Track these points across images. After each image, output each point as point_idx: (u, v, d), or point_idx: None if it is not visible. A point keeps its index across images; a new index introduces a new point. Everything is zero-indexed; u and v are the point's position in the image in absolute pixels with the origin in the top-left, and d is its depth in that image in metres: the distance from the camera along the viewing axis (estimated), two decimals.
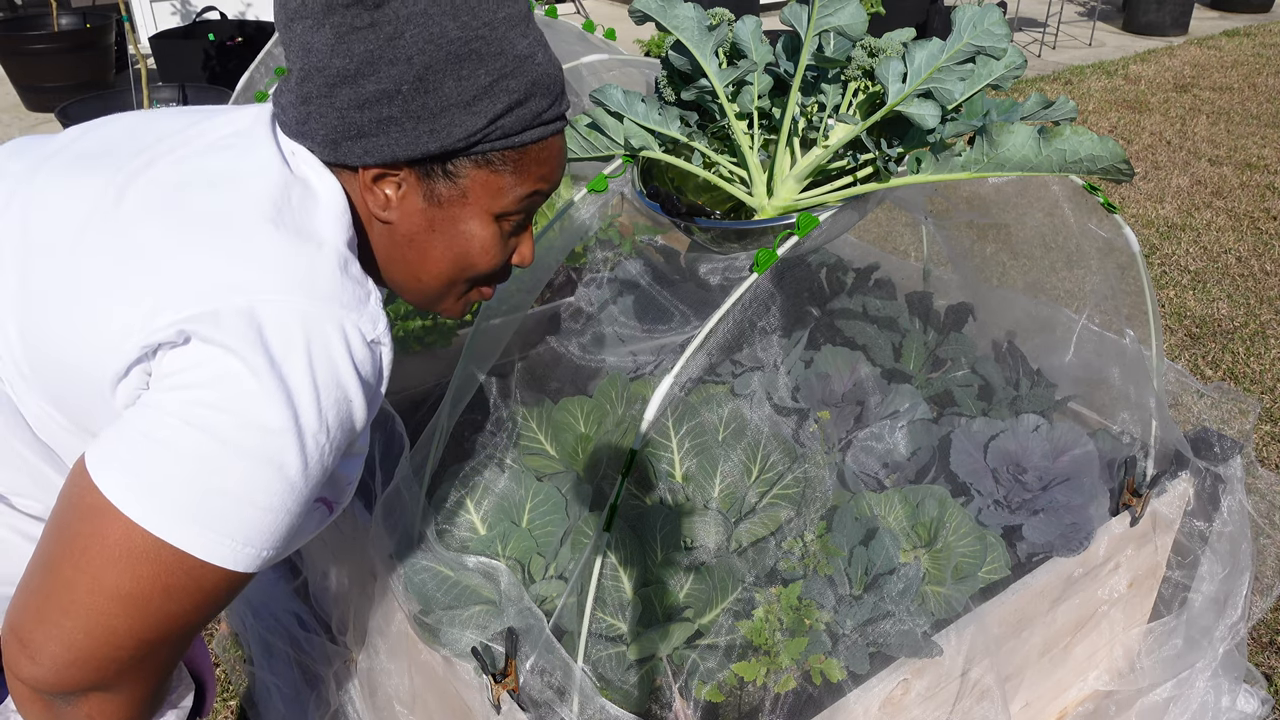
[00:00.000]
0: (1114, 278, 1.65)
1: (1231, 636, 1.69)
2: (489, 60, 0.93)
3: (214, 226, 0.89)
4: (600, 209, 1.47)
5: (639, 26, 6.58)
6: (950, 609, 1.44)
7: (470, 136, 0.94)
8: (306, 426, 0.85)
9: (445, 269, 1.03)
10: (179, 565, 0.83)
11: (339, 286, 0.90)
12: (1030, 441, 1.64)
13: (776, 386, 1.73)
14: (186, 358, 0.84)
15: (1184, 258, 4.22)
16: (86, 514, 0.83)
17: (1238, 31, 8.10)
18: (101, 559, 0.82)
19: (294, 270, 0.88)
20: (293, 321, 0.85)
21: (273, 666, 1.94)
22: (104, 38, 5.60)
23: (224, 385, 0.83)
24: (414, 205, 0.98)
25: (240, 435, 0.83)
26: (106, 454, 0.84)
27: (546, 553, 1.46)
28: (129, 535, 0.82)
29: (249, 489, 0.84)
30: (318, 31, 0.90)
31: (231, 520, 0.84)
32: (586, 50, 1.84)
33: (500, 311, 1.49)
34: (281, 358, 0.84)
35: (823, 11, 1.16)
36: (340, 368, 0.88)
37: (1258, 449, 2.96)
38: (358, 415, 0.91)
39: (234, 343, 0.82)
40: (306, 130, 0.95)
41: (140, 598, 0.83)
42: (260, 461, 0.84)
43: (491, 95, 0.93)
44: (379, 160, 0.94)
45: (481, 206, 1.00)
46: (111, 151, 0.98)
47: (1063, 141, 1.08)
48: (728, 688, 1.34)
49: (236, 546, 0.85)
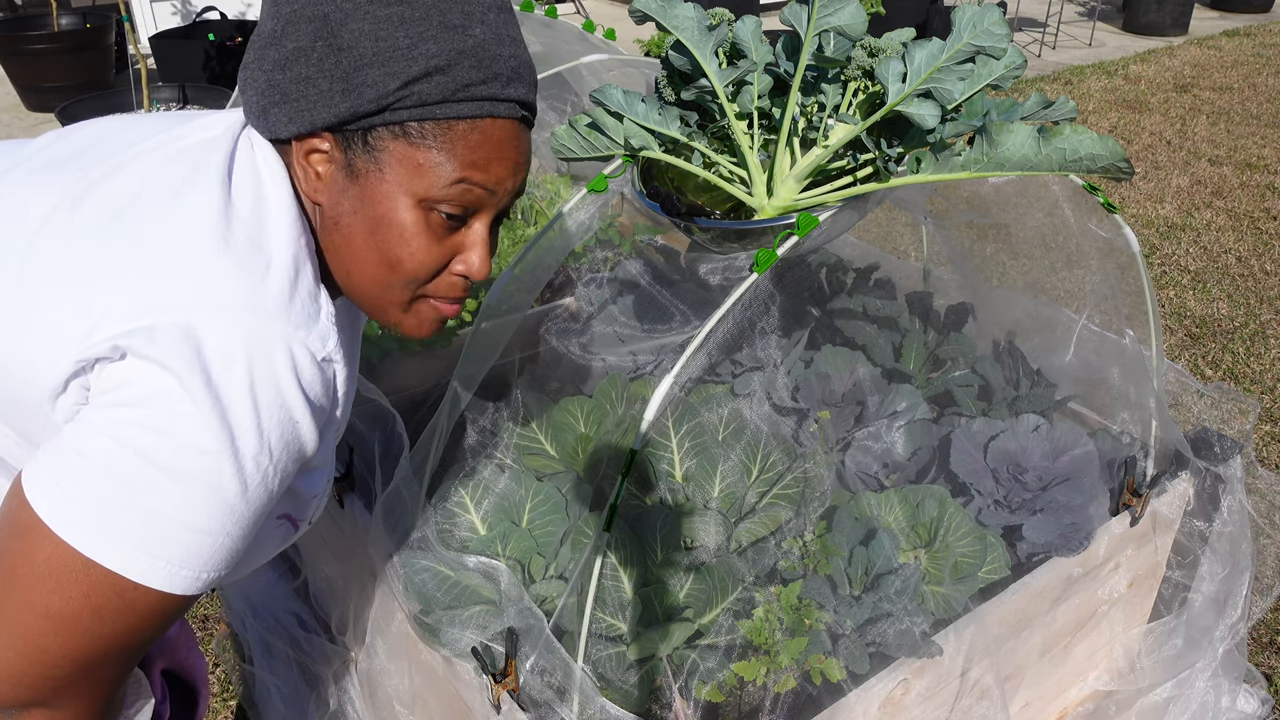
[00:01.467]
0: (1114, 278, 1.65)
1: (1231, 636, 1.69)
2: (410, 24, 0.89)
3: (160, 242, 0.86)
4: (600, 209, 1.47)
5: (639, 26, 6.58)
6: (950, 609, 1.44)
7: (382, 99, 0.89)
8: (245, 449, 0.82)
9: (370, 261, 0.96)
10: (110, 586, 0.81)
11: (286, 304, 0.87)
12: (1030, 441, 1.64)
13: (776, 386, 1.73)
14: (121, 374, 0.81)
15: (1184, 258, 4.22)
16: (18, 531, 0.81)
17: (1238, 31, 8.10)
18: (30, 577, 0.80)
19: (239, 287, 0.85)
20: (234, 340, 0.83)
21: (273, 666, 1.94)
22: (104, 38, 5.60)
23: (157, 404, 0.80)
24: (338, 183, 0.93)
25: (173, 457, 0.80)
26: (41, 472, 0.82)
27: (546, 553, 1.46)
28: (58, 554, 0.80)
29: (184, 512, 0.82)
30: (270, 5, 0.91)
31: (165, 542, 0.82)
32: (586, 50, 1.83)
33: (500, 311, 1.49)
34: (219, 377, 0.81)
35: (823, 11, 1.16)
36: (284, 387, 0.85)
37: (1258, 449, 2.96)
38: (305, 436, 0.88)
39: (169, 360, 0.80)
40: (245, 99, 0.95)
41: (69, 617, 0.81)
42: (195, 484, 0.81)
43: (410, 57, 0.89)
44: (300, 127, 0.91)
45: (401, 185, 0.93)
46: (79, 158, 0.96)
47: (1062, 140, 1.08)
48: (728, 688, 1.34)
49: (171, 569, 0.82)
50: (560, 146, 1.32)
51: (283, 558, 2.11)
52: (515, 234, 2.25)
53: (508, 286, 1.47)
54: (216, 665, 2.22)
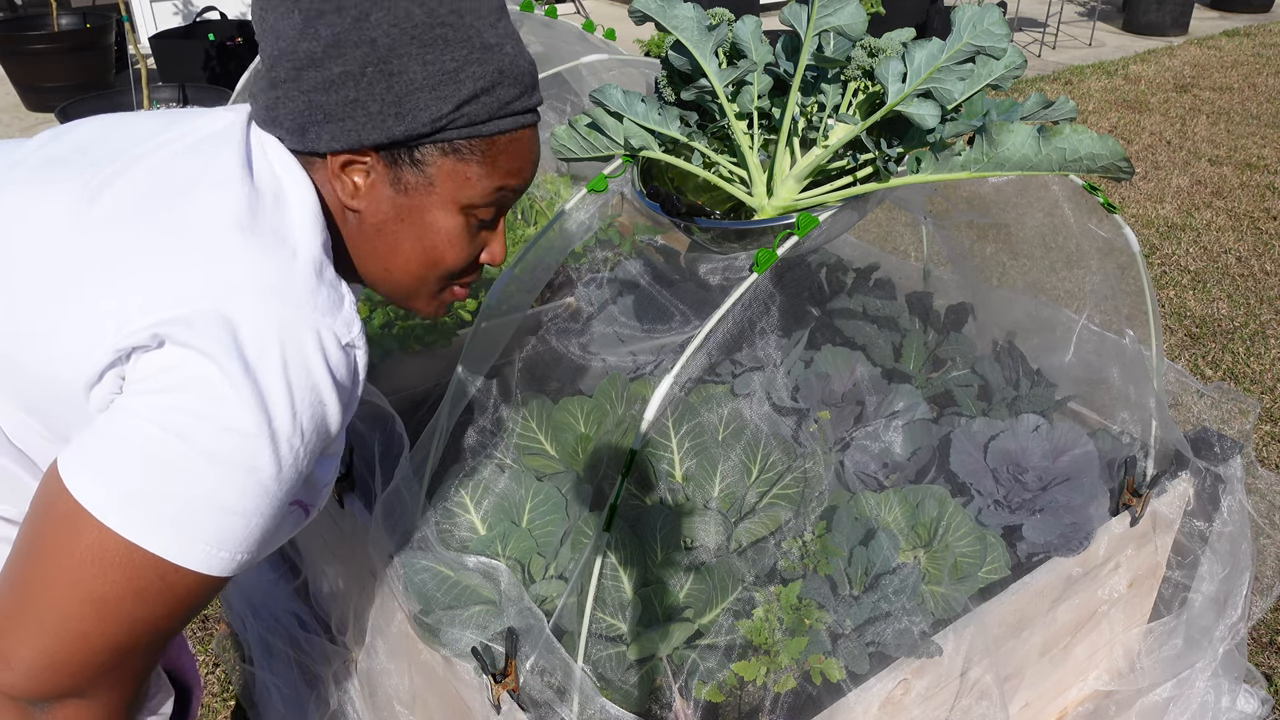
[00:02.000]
0: (1114, 278, 1.65)
1: (1231, 636, 1.69)
2: (454, 46, 0.94)
3: (188, 232, 0.89)
4: (600, 209, 1.47)
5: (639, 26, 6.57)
6: (950, 609, 1.44)
7: (436, 121, 0.94)
8: (280, 430, 0.85)
9: (413, 261, 1.03)
10: (151, 570, 0.83)
11: (313, 291, 0.90)
12: (1030, 441, 1.64)
13: (776, 386, 1.73)
14: (160, 361, 0.83)
15: (1184, 258, 4.22)
16: (58, 519, 0.83)
17: (1238, 31, 8.10)
18: (74, 564, 0.82)
19: (269, 275, 0.88)
20: (268, 326, 0.85)
21: (273, 666, 1.94)
22: (104, 38, 5.61)
23: (197, 389, 0.82)
24: (382, 193, 0.98)
25: (213, 440, 0.82)
26: (79, 459, 0.84)
27: (546, 553, 1.46)
28: (101, 540, 0.82)
29: (222, 494, 0.84)
30: (288, 17, 0.91)
31: (205, 525, 0.84)
32: (586, 50, 1.83)
33: (500, 311, 1.49)
34: (255, 362, 0.84)
35: (822, 11, 1.16)
36: (315, 371, 0.87)
37: (1258, 449, 2.96)
38: (332, 418, 0.91)
39: (208, 346, 0.82)
40: (275, 117, 0.95)
41: (112, 602, 0.83)
42: (234, 466, 0.83)
43: (457, 80, 0.94)
44: (346, 145, 0.94)
45: (448, 197, 0.99)
46: (83, 155, 0.97)
47: (1062, 140, 1.08)
48: (728, 688, 1.34)
49: (210, 550, 0.85)
50: (560, 146, 1.32)
51: (283, 557, 2.11)
52: (515, 234, 2.25)
53: (508, 286, 1.47)
54: (216, 665, 2.22)
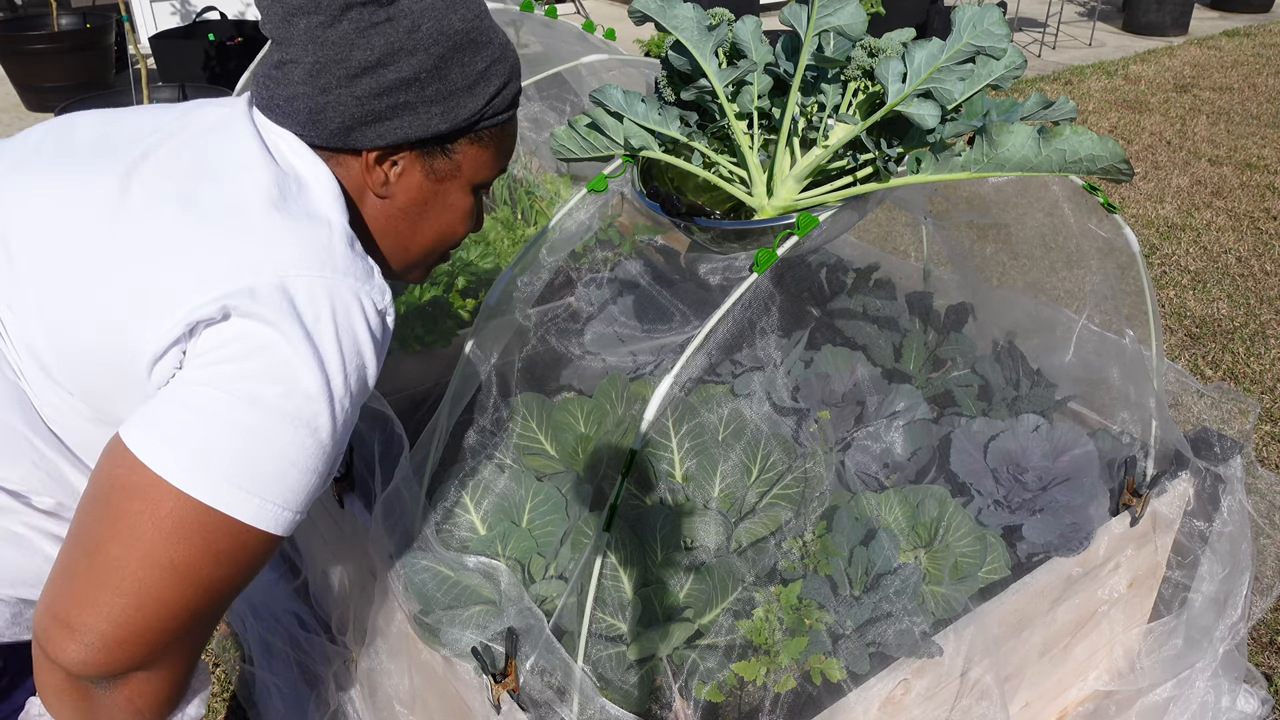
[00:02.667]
0: (1114, 278, 1.65)
1: (1231, 636, 1.69)
2: (484, 47, 1.05)
3: (229, 212, 0.93)
4: (600, 209, 1.47)
5: (639, 26, 6.57)
6: (950, 609, 1.44)
7: (472, 116, 1.05)
8: (336, 390, 0.91)
9: (432, 238, 1.14)
10: (227, 531, 0.87)
11: (351, 261, 0.96)
12: (1030, 441, 1.64)
13: (776, 386, 1.73)
14: (226, 332, 0.88)
15: (1184, 258, 4.22)
16: (132, 491, 0.86)
17: (1238, 31, 8.09)
18: (154, 533, 0.85)
19: (313, 248, 0.94)
20: (320, 294, 0.91)
21: (273, 666, 1.94)
22: (104, 38, 5.60)
23: (265, 355, 0.87)
24: (413, 180, 1.08)
25: (283, 402, 0.87)
26: (149, 431, 0.87)
27: (546, 553, 1.46)
28: (179, 506, 0.85)
29: (290, 453, 0.89)
30: (333, 27, 0.97)
31: (274, 484, 0.88)
32: (586, 50, 1.83)
33: (500, 311, 1.49)
34: (313, 327, 0.90)
35: (822, 11, 1.16)
36: (360, 335, 0.94)
37: (1258, 449, 2.96)
38: (370, 378, 0.97)
39: (271, 315, 0.88)
40: (321, 119, 1.00)
41: (192, 566, 0.86)
42: (300, 425, 0.88)
43: (487, 78, 1.05)
44: (391, 142, 1.02)
45: (468, 179, 1.11)
46: (96, 150, 1.01)
47: (1062, 141, 1.08)
48: (728, 688, 1.34)
49: (277, 510, 0.89)
50: (560, 147, 1.32)
51: (283, 557, 2.11)
52: (515, 234, 2.25)
53: (508, 286, 1.47)
54: (216, 665, 2.22)
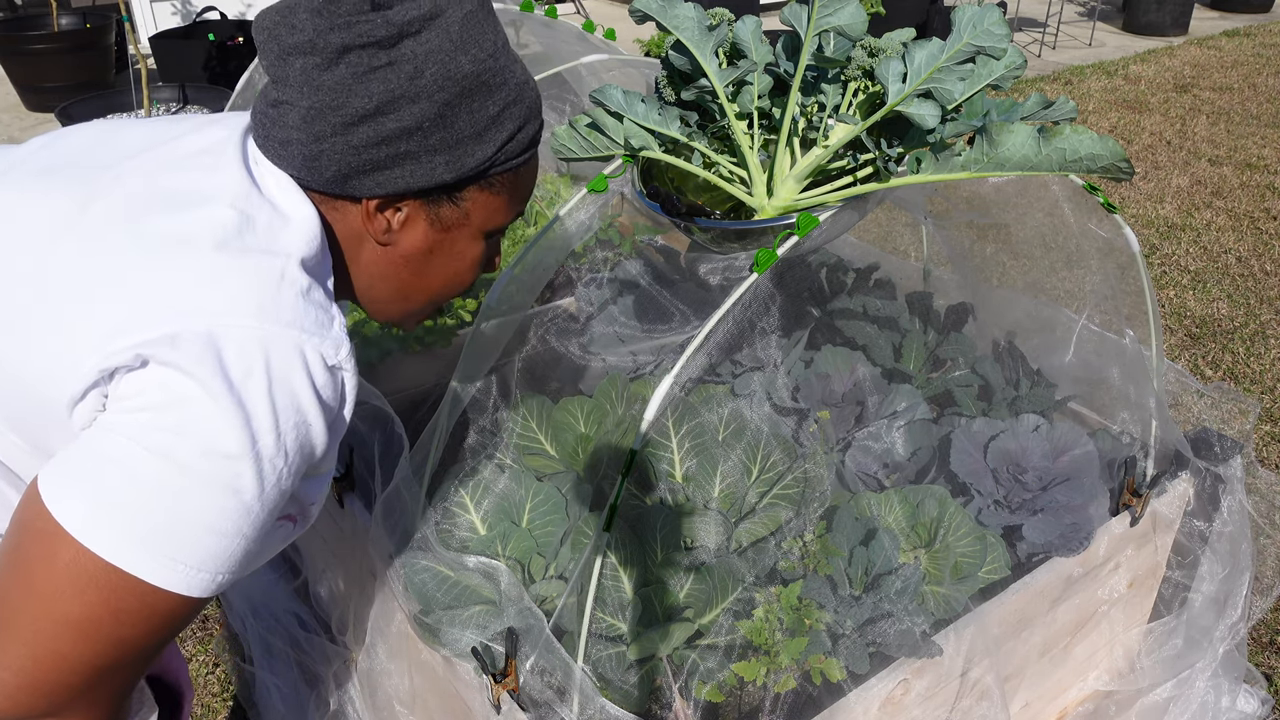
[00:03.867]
0: (1114, 278, 1.65)
1: (1231, 636, 1.69)
2: (496, 90, 0.96)
3: (175, 249, 0.87)
4: (600, 209, 1.47)
5: (639, 26, 6.57)
6: (950, 609, 1.44)
7: (480, 165, 0.97)
8: (264, 452, 0.84)
9: (437, 287, 1.07)
10: (130, 590, 0.82)
11: (301, 311, 0.89)
12: (1030, 441, 1.64)
13: (776, 386, 1.73)
14: (143, 381, 0.82)
15: (1184, 258, 4.22)
16: (36, 537, 0.81)
17: (1238, 31, 8.10)
18: (50, 584, 0.80)
19: (255, 294, 0.87)
20: (252, 346, 0.84)
21: (273, 666, 1.94)
22: (104, 38, 5.60)
23: (181, 409, 0.81)
24: (417, 229, 1.01)
25: (197, 461, 0.81)
26: (58, 477, 0.82)
27: (546, 553, 1.46)
28: (78, 559, 0.80)
29: (204, 514, 0.83)
30: (329, 70, 0.90)
31: (185, 546, 0.83)
32: (586, 50, 1.83)
33: (500, 311, 1.49)
34: (240, 382, 0.83)
35: (823, 11, 1.16)
36: (300, 393, 0.87)
37: (1258, 449, 2.96)
38: (317, 440, 0.90)
39: (192, 366, 0.81)
40: (316, 166, 0.94)
41: (89, 623, 0.81)
42: (216, 487, 0.82)
43: (499, 124, 0.97)
44: (391, 191, 0.96)
45: (479, 227, 1.03)
46: (75, 166, 0.96)
47: (1063, 141, 1.08)
48: (728, 688, 1.34)
49: (190, 572, 0.83)
50: (560, 146, 1.32)
51: (283, 558, 2.11)
52: (515, 234, 2.25)
53: (508, 286, 1.47)
54: (216, 665, 2.22)
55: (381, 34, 0.90)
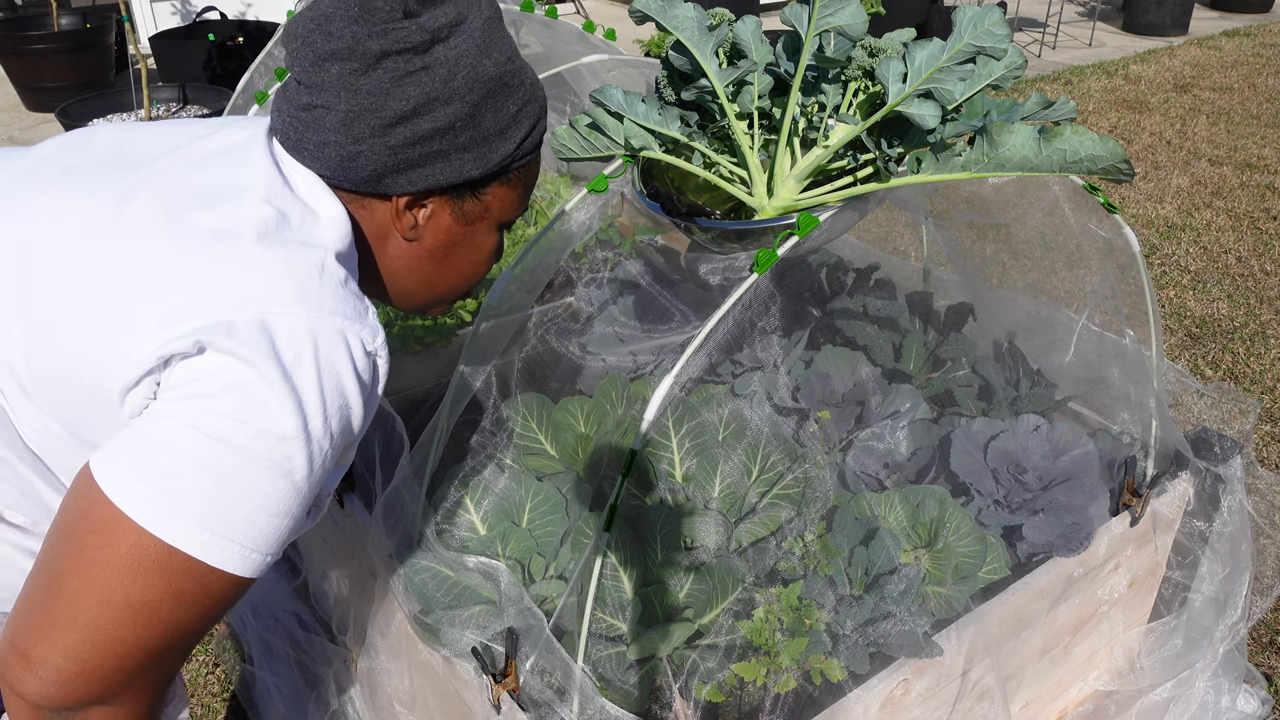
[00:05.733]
0: (1114, 278, 1.65)
1: (1231, 636, 1.69)
2: (515, 91, 1.03)
3: (220, 241, 0.91)
4: (600, 209, 1.47)
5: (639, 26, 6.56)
6: (950, 609, 1.44)
7: (504, 160, 1.04)
8: (314, 433, 0.87)
9: (459, 278, 1.13)
10: (189, 572, 0.84)
11: (340, 300, 0.92)
12: (1030, 441, 1.64)
13: (777, 386, 1.73)
14: (200, 367, 0.85)
15: (1184, 258, 4.22)
16: (95, 525, 0.83)
17: (1238, 31, 8.10)
18: (112, 569, 0.83)
19: (300, 284, 0.90)
20: (301, 332, 0.88)
21: (273, 666, 1.94)
22: (104, 38, 5.60)
23: (238, 393, 0.84)
24: (442, 224, 1.06)
25: (254, 442, 0.84)
26: (115, 464, 0.85)
27: (546, 553, 1.46)
28: (140, 544, 0.83)
29: (259, 495, 0.86)
30: (367, 75, 0.95)
31: (241, 526, 0.86)
32: (586, 50, 1.83)
33: (500, 311, 1.49)
34: (292, 367, 0.86)
35: (823, 12, 1.16)
36: (344, 377, 0.90)
37: (1258, 449, 2.96)
38: (356, 423, 0.93)
39: (248, 352, 0.84)
40: (354, 166, 0.98)
41: (150, 606, 0.84)
42: (271, 468, 0.85)
43: (518, 121, 1.04)
44: (423, 188, 1.01)
45: (496, 219, 1.10)
46: (104, 165, 0.99)
47: (1063, 141, 1.08)
48: (728, 688, 1.34)
49: (245, 552, 0.86)
50: (560, 147, 1.32)
51: (283, 557, 2.11)
52: (515, 234, 2.25)
53: (508, 286, 1.47)
54: (216, 665, 2.22)
55: (416, 40, 0.95)
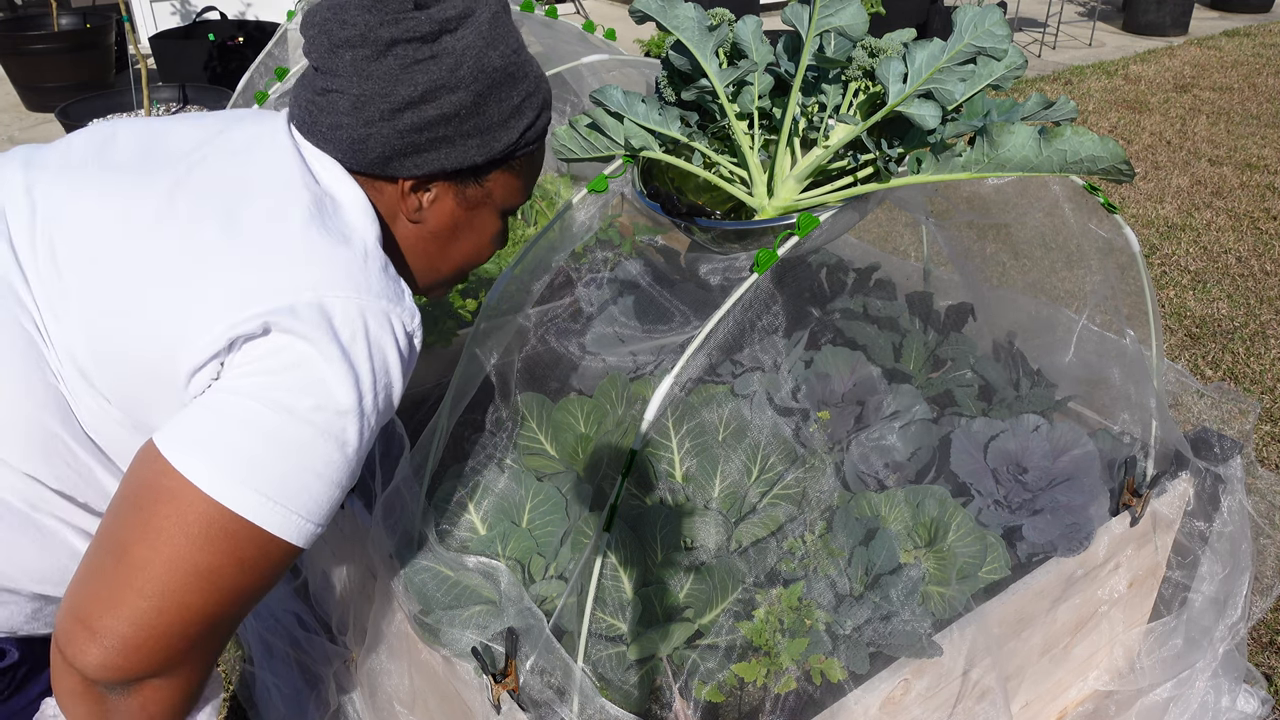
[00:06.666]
0: (1114, 278, 1.65)
1: (1231, 636, 1.69)
2: (520, 82, 1.08)
3: (271, 231, 0.96)
4: (600, 209, 1.47)
5: (639, 26, 6.56)
6: (951, 609, 1.44)
7: (507, 148, 1.09)
8: (366, 408, 0.95)
9: (461, 260, 1.18)
10: (252, 540, 0.89)
11: (384, 283, 0.98)
12: (1030, 441, 1.64)
13: (777, 386, 1.73)
14: (265, 346, 0.91)
15: (1184, 258, 4.22)
16: (162, 495, 0.88)
17: (1238, 31, 8.10)
18: (181, 537, 0.87)
19: (349, 269, 0.96)
20: (354, 314, 0.94)
21: (273, 666, 1.94)
22: (104, 38, 5.60)
23: (301, 370, 0.91)
24: (445, 207, 1.11)
25: (315, 415, 0.91)
26: (183, 437, 0.89)
27: (546, 553, 1.46)
28: (208, 513, 0.87)
29: (317, 465, 0.91)
30: (378, 61, 1.00)
31: (300, 495, 0.91)
32: (586, 50, 1.83)
33: (500, 311, 1.49)
34: (349, 345, 0.93)
35: (824, 12, 1.16)
36: (389, 355, 0.97)
37: (1258, 449, 2.96)
38: (396, 398, 1.01)
39: (310, 331, 0.90)
40: (364, 149, 1.03)
41: (216, 573, 0.88)
42: (330, 439, 0.92)
43: (521, 112, 1.09)
44: (427, 172, 1.06)
45: (498, 205, 1.15)
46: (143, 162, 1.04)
47: (1063, 142, 1.08)
48: (728, 688, 1.34)
49: (301, 522, 0.92)
50: (561, 147, 1.33)
51: None
52: (515, 234, 2.25)
53: (508, 286, 1.48)
54: (217, 665, 2.22)
55: (425, 30, 1.00)
